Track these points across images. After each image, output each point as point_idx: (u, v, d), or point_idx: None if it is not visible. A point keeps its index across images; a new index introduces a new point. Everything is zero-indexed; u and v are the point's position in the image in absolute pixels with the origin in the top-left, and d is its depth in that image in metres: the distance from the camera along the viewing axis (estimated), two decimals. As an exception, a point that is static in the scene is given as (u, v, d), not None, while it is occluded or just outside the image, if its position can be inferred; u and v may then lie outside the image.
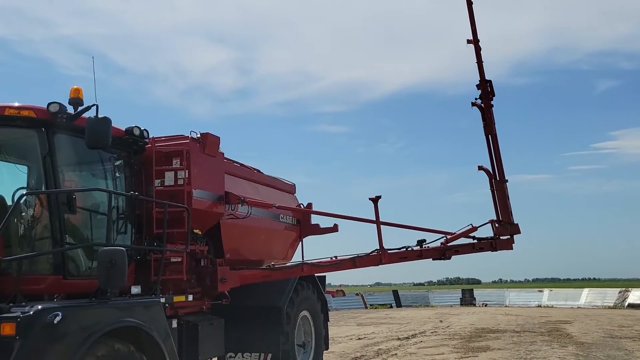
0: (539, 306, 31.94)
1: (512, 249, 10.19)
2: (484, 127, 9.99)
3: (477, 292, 36.94)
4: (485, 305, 33.98)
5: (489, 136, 9.98)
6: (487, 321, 22.43)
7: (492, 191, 10.14)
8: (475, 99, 9.90)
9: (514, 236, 10.29)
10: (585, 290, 32.81)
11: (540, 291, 34.89)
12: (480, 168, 10.09)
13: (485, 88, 9.80)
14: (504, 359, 12.14)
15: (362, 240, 10.17)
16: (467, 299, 35.51)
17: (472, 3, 9.47)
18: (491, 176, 10.13)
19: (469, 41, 9.73)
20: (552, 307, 31.16)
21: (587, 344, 14.44)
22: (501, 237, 10.10)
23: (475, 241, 10.16)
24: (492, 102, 9.82)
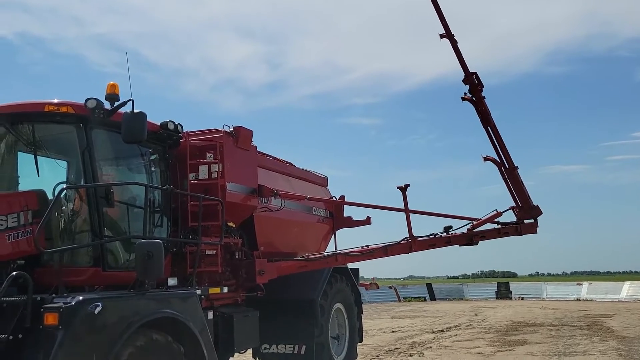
0: (578, 300, 31.20)
1: (536, 232, 10.34)
2: (480, 120, 9.83)
3: (513, 285, 36.30)
4: (522, 299, 33.37)
5: (488, 128, 9.81)
6: (524, 315, 22.04)
7: (505, 180, 10.11)
8: (465, 93, 9.66)
9: (538, 220, 10.37)
10: (627, 284, 31.80)
11: (579, 284, 34.02)
12: (486, 159, 10.02)
13: (473, 81, 9.54)
14: (542, 353, 11.89)
15: (393, 232, 10.16)
16: (503, 292, 34.94)
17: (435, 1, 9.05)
18: (500, 165, 10.06)
19: (442, 36, 9.32)
20: (592, 300, 30.39)
21: (628, 338, 14.03)
22: (525, 221, 10.13)
23: (501, 226, 10.19)
24: (482, 94, 9.56)
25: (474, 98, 9.62)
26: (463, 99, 9.69)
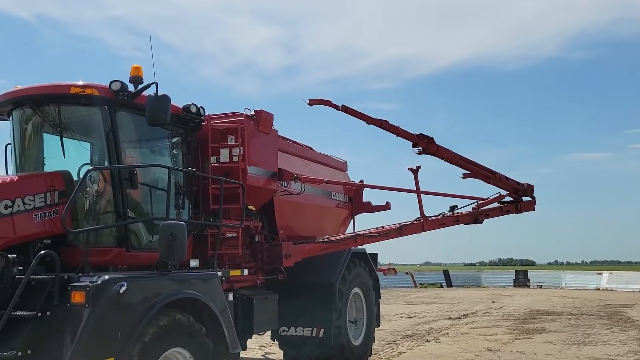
0: (598, 289, 30.85)
1: (534, 210, 11.04)
2: (447, 162, 10.02)
3: (532, 274, 36.02)
4: (540, 287, 33.13)
5: (455, 162, 10.05)
6: (542, 303, 21.91)
7: (491, 184, 10.56)
8: (420, 149, 9.68)
9: (536, 198, 10.89)
10: (648, 274, 31.38)
11: (599, 274, 33.62)
12: (465, 176, 10.44)
13: (422, 142, 9.57)
14: (561, 341, 11.83)
15: (408, 215, 10.22)
16: (521, 280, 34.71)
17: (346, 108, 8.84)
18: (480, 177, 10.46)
19: (368, 123, 9.25)
20: (612, 290, 30.02)
21: (649, 328, 13.88)
22: (523, 199, 10.88)
23: (502, 205, 10.81)
24: (436, 144, 9.62)
25: (431, 152, 9.73)
26: (420, 153, 9.75)
